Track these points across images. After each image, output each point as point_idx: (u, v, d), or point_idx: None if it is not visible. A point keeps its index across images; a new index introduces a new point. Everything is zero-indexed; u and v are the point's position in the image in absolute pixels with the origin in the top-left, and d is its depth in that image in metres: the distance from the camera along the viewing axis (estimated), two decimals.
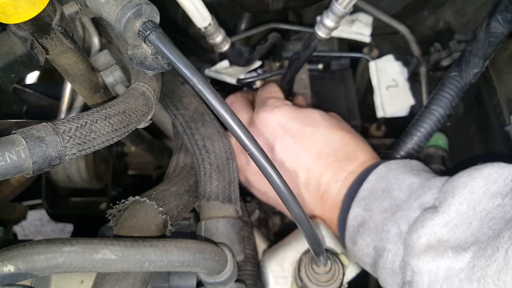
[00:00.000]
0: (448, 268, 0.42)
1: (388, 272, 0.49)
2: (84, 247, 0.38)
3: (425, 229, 0.45)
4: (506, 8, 0.59)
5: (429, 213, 0.46)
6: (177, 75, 0.65)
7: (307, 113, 0.62)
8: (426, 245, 0.45)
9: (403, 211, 0.49)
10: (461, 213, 0.44)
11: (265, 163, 0.36)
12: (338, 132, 0.60)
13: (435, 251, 0.43)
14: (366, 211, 0.52)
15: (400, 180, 0.52)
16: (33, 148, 0.33)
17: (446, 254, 0.42)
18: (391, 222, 0.49)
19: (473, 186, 0.45)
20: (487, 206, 0.44)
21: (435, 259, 0.43)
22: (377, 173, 0.54)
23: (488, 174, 0.45)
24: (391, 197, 0.51)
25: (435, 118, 0.63)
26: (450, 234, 0.44)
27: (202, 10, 0.61)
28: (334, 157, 0.58)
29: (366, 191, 0.54)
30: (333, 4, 0.57)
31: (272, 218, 0.76)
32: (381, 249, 0.49)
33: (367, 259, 0.52)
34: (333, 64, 0.84)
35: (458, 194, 0.45)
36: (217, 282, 0.49)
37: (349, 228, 0.54)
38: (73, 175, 0.95)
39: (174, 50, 0.35)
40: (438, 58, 0.75)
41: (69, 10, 0.40)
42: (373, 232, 0.51)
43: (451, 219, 0.45)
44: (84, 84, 0.48)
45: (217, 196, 0.56)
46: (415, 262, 0.44)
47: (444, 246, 0.43)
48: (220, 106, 0.35)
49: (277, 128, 0.61)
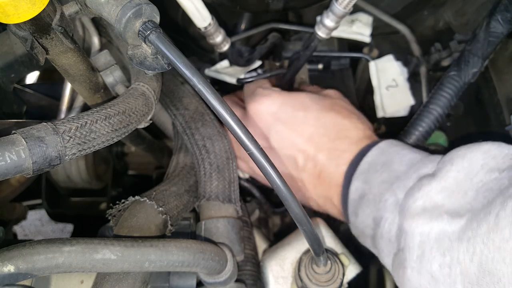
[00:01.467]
0: (440, 231, 0.43)
1: (384, 242, 0.50)
2: (84, 247, 0.38)
3: (422, 192, 0.46)
4: (506, 8, 0.59)
5: (426, 179, 0.47)
6: (177, 75, 0.65)
7: (297, 97, 0.63)
8: (421, 208, 0.45)
9: (401, 181, 0.50)
10: (458, 181, 0.45)
11: (265, 163, 0.36)
12: (330, 113, 0.61)
13: (430, 214, 0.44)
14: (366, 184, 0.53)
15: (401, 154, 0.53)
16: (33, 148, 0.33)
17: (440, 218, 0.43)
18: (389, 192, 0.50)
19: (471, 158, 0.46)
20: (484, 178, 0.44)
21: (429, 221, 0.44)
22: (378, 148, 0.55)
23: (487, 149, 0.46)
24: (391, 170, 0.52)
25: (434, 117, 0.63)
26: (446, 200, 0.45)
27: (202, 10, 0.61)
28: (326, 137, 0.59)
29: (366, 164, 0.54)
30: (333, 4, 0.57)
31: (272, 218, 0.76)
32: (379, 219, 0.50)
33: (368, 231, 0.53)
34: (333, 64, 0.84)
35: (457, 163, 0.46)
36: (217, 282, 0.49)
37: (351, 202, 0.55)
38: (73, 175, 0.95)
39: (174, 50, 0.35)
40: (438, 58, 0.75)
41: (69, 10, 0.40)
42: (372, 203, 0.52)
43: (448, 185, 0.45)
44: (84, 84, 0.48)
45: (217, 196, 0.56)
46: (408, 223, 0.45)
47: (439, 210, 0.44)
48: (220, 106, 0.35)
49: (268, 117, 0.62)
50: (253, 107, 0.63)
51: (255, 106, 0.63)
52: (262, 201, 0.71)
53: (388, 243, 0.49)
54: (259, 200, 0.70)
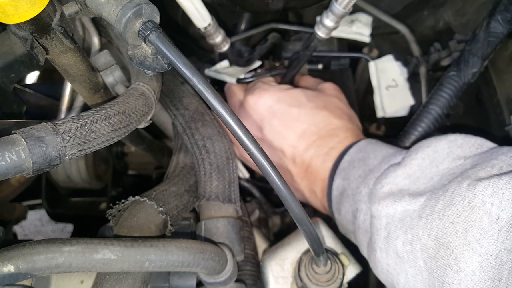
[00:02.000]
0: (403, 210, 0.45)
1: (361, 232, 0.52)
2: (84, 247, 0.38)
3: (388, 179, 0.48)
4: (506, 8, 0.59)
5: (393, 167, 0.50)
6: (177, 75, 0.65)
7: (293, 94, 0.65)
8: (387, 193, 0.48)
9: (373, 173, 0.52)
10: (423, 167, 0.47)
11: (265, 163, 0.36)
12: (323, 112, 0.63)
13: (394, 196, 0.47)
14: (345, 180, 0.56)
15: (377, 150, 0.56)
16: (33, 148, 0.33)
17: (403, 199, 0.46)
18: (363, 185, 0.52)
19: (437, 146, 0.48)
20: (450, 165, 0.46)
21: (393, 203, 0.46)
22: (357, 146, 0.58)
23: (453, 139, 0.48)
24: (366, 164, 0.54)
25: (433, 118, 0.63)
26: (411, 184, 0.47)
27: (202, 11, 0.61)
28: (316, 135, 0.62)
29: (346, 162, 0.57)
30: (333, 4, 0.57)
31: (272, 218, 0.76)
32: (355, 210, 0.52)
33: (349, 226, 0.55)
34: (333, 64, 0.84)
35: (422, 151, 0.49)
36: (217, 282, 0.49)
37: (334, 199, 0.57)
38: (73, 175, 0.95)
39: (174, 50, 0.35)
40: (438, 58, 0.75)
41: (69, 10, 0.40)
42: (350, 197, 0.54)
43: (413, 172, 0.48)
44: (84, 84, 0.48)
45: (217, 196, 0.56)
46: (375, 207, 0.48)
47: (403, 193, 0.46)
48: (220, 106, 0.35)
49: (264, 110, 0.64)
50: (251, 98, 0.65)
51: (252, 98, 0.65)
52: (262, 201, 0.71)
53: (364, 233, 0.51)
54: (259, 200, 0.70)
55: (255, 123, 0.65)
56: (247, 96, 0.66)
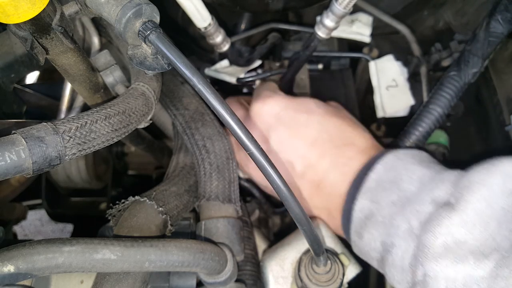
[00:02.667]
0: (467, 275, 0.40)
1: (396, 269, 0.46)
2: (84, 247, 0.38)
3: (442, 228, 0.42)
4: (506, 8, 0.59)
5: (445, 211, 0.43)
6: (177, 75, 0.65)
7: (301, 100, 0.61)
8: (443, 246, 0.42)
9: (413, 205, 0.46)
10: (479, 212, 0.42)
11: (265, 163, 0.36)
12: (334, 119, 0.59)
13: (453, 255, 0.41)
14: (373, 203, 0.50)
15: (410, 171, 0.49)
16: (33, 148, 0.33)
17: (466, 260, 0.40)
18: (401, 217, 0.46)
19: (491, 183, 0.42)
20: (505, 204, 0.41)
21: (454, 264, 0.40)
22: (384, 163, 0.52)
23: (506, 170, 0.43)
24: (400, 189, 0.48)
25: (434, 118, 0.62)
26: (468, 235, 0.41)
27: (202, 10, 0.61)
28: (330, 143, 0.56)
29: (373, 182, 0.51)
30: (333, 4, 0.57)
31: (272, 218, 0.76)
32: (390, 245, 0.47)
33: (374, 254, 0.50)
34: (333, 64, 0.84)
35: (477, 191, 0.42)
36: (217, 282, 0.49)
37: (355, 220, 0.51)
38: (73, 175, 0.95)
39: (174, 50, 0.35)
40: (438, 58, 0.75)
41: (69, 10, 0.40)
42: (381, 226, 0.48)
43: (469, 219, 0.42)
44: (84, 84, 0.48)
45: (217, 196, 0.56)
46: (431, 266, 0.42)
47: (463, 250, 0.41)
48: (220, 106, 0.35)
49: (270, 118, 0.60)
50: (255, 107, 0.61)
51: (257, 106, 0.61)
52: (262, 201, 0.71)
53: (402, 272, 0.46)
54: (259, 200, 0.70)
55: (261, 133, 0.60)
56: (253, 104, 0.62)
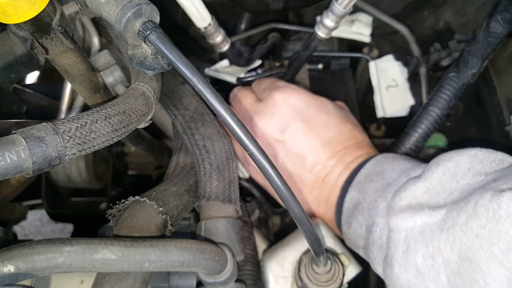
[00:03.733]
0: (423, 223, 0.44)
1: (376, 248, 0.50)
2: (84, 247, 0.38)
3: (407, 192, 0.47)
4: (505, 8, 0.59)
5: (412, 180, 0.48)
6: (177, 75, 0.65)
7: (322, 101, 0.64)
8: (406, 206, 0.46)
9: (392, 187, 0.51)
10: (443, 182, 0.46)
11: (265, 163, 0.36)
12: (348, 124, 0.63)
13: (413, 209, 0.45)
14: (361, 193, 0.54)
15: (395, 164, 0.54)
16: (33, 148, 0.33)
17: (423, 212, 0.44)
18: (381, 198, 0.51)
19: (458, 160, 0.47)
20: (471, 181, 0.45)
21: (412, 216, 0.45)
22: (374, 160, 0.56)
23: (474, 153, 0.47)
24: (384, 178, 0.53)
25: (432, 119, 0.63)
26: (430, 199, 0.46)
27: (202, 10, 0.61)
28: (342, 145, 0.60)
29: (362, 176, 0.55)
30: (333, 4, 0.57)
31: (272, 218, 0.76)
32: (371, 225, 0.51)
33: (360, 241, 0.53)
34: (333, 64, 0.84)
35: (442, 165, 0.47)
36: (217, 282, 0.49)
37: (345, 211, 0.55)
38: (73, 175, 0.95)
39: (174, 50, 0.35)
40: (438, 58, 0.75)
41: (69, 10, 0.40)
42: (365, 211, 0.52)
43: (433, 186, 0.46)
44: (84, 84, 0.48)
45: (217, 196, 0.56)
46: (393, 220, 0.46)
47: (422, 207, 0.45)
48: (220, 106, 0.35)
49: (291, 110, 0.61)
50: (279, 96, 0.61)
51: (281, 96, 0.61)
52: (262, 201, 0.71)
53: (380, 249, 0.49)
54: (259, 200, 0.70)
55: (278, 122, 0.61)
56: (274, 92, 0.62)
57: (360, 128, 0.65)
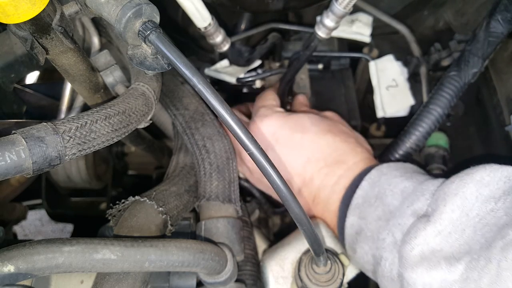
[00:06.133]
0: (442, 280, 0.41)
1: (387, 280, 0.49)
2: (84, 247, 0.38)
3: (418, 239, 0.45)
4: (506, 8, 0.59)
5: (421, 223, 0.46)
6: (177, 75, 0.65)
7: (297, 119, 0.63)
8: (419, 256, 0.44)
9: (396, 218, 0.49)
10: (453, 220, 0.44)
11: (265, 163, 0.36)
12: (327, 136, 0.61)
13: (428, 262, 0.43)
14: (361, 219, 0.53)
15: (393, 185, 0.52)
16: (33, 148, 0.33)
17: (439, 266, 0.42)
18: (386, 231, 0.49)
19: (465, 192, 0.45)
20: (480, 211, 0.43)
21: (428, 271, 0.42)
22: (369, 179, 0.54)
23: (480, 178, 0.45)
24: (384, 204, 0.51)
25: (434, 118, 0.63)
26: (443, 243, 0.44)
27: (202, 10, 0.61)
28: (323, 162, 0.59)
29: (360, 198, 0.54)
30: (333, 4, 0.57)
31: (272, 218, 0.76)
32: (379, 258, 0.50)
33: (368, 266, 0.53)
34: (333, 64, 0.84)
35: (450, 201, 0.45)
36: (217, 282, 0.49)
37: (347, 237, 0.55)
38: (73, 175, 0.95)
39: (174, 50, 0.35)
40: (438, 58, 0.75)
41: (69, 10, 0.40)
42: (370, 240, 0.51)
43: (443, 228, 0.44)
44: (84, 84, 0.48)
45: (217, 196, 0.56)
46: (409, 274, 0.44)
47: (437, 257, 0.43)
48: (220, 106, 0.35)
49: (268, 137, 0.62)
50: (253, 126, 0.63)
51: (255, 125, 0.63)
52: (262, 201, 0.71)
53: (391, 282, 0.48)
54: (259, 200, 0.70)
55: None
56: (250, 122, 0.64)
57: (346, 134, 0.63)
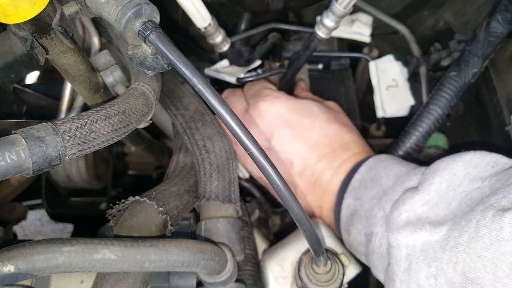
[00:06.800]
0: (424, 241, 0.43)
1: (376, 257, 0.50)
2: (84, 247, 0.38)
3: (406, 206, 0.47)
4: (506, 8, 0.59)
5: (410, 192, 0.48)
6: (177, 75, 0.65)
7: (306, 104, 0.64)
8: (405, 221, 0.46)
9: (388, 195, 0.51)
10: (440, 192, 0.46)
11: (265, 163, 0.36)
12: (335, 125, 0.62)
13: (413, 226, 0.45)
14: (357, 200, 0.54)
15: (388, 169, 0.54)
16: (33, 148, 0.33)
17: (424, 228, 0.44)
18: (378, 207, 0.51)
19: (453, 168, 0.47)
20: (467, 188, 0.45)
21: (413, 233, 0.44)
22: (367, 165, 0.56)
23: (469, 159, 0.47)
24: (379, 185, 0.53)
25: (434, 118, 0.63)
26: (429, 211, 0.46)
27: (202, 10, 0.61)
28: (329, 147, 0.60)
29: (357, 182, 0.55)
30: (333, 4, 0.57)
31: (272, 218, 0.76)
32: (370, 234, 0.51)
33: (361, 248, 0.54)
34: (333, 64, 0.84)
35: (439, 174, 0.47)
36: (217, 282, 0.49)
37: (343, 219, 0.56)
38: (73, 175, 0.95)
39: (174, 50, 0.35)
40: (438, 58, 0.75)
41: (69, 10, 0.40)
42: (363, 219, 0.52)
43: (431, 198, 0.46)
44: (84, 84, 0.48)
45: (217, 196, 0.56)
46: (394, 236, 0.46)
47: (422, 222, 0.45)
48: (220, 106, 0.35)
49: (275, 118, 0.62)
50: (262, 105, 0.62)
51: (264, 105, 0.62)
52: (262, 201, 0.71)
53: (380, 258, 0.49)
54: (259, 200, 0.70)
55: (263, 131, 0.62)
56: (258, 102, 0.63)
57: (350, 126, 0.64)
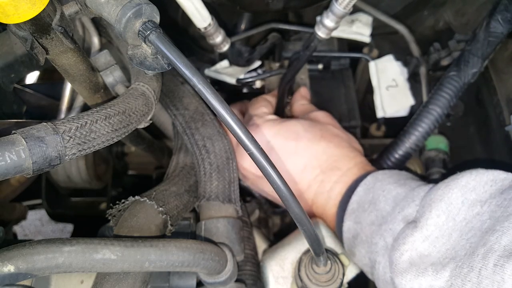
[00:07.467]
0: (429, 286, 0.43)
1: (382, 282, 0.50)
2: (84, 247, 0.38)
3: (406, 245, 0.46)
4: (506, 8, 0.59)
5: (409, 229, 0.47)
6: (177, 75, 0.65)
7: (289, 126, 0.62)
8: (408, 262, 0.45)
9: (388, 224, 0.50)
10: (439, 225, 0.45)
11: (265, 163, 0.36)
12: (321, 143, 0.61)
13: (416, 268, 0.44)
14: (357, 224, 0.54)
15: (386, 191, 0.53)
16: (33, 148, 0.33)
17: (426, 273, 0.43)
18: (378, 235, 0.50)
19: (450, 197, 0.46)
20: (467, 215, 0.44)
21: (416, 277, 0.44)
22: (364, 185, 0.55)
23: (465, 183, 0.46)
24: (377, 209, 0.52)
25: (433, 118, 0.63)
26: (431, 248, 0.45)
27: (202, 11, 0.61)
28: (319, 169, 0.59)
29: (355, 203, 0.55)
30: (333, 4, 0.57)
31: (272, 218, 0.76)
32: (373, 261, 0.51)
33: (367, 268, 0.54)
34: (333, 64, 0.84)
35: (435, 207, 0.46)
36: (217, 282, 0.49)
37: (346, 241, 0.56)
38: (73, 175, 0.95)
39: (174, 50, 0.35)
40: (437, 58, 0.75)
41: (69, 10, 0.40)
42: (365, 244, 0.52)
43: (430, 233, 0.45)
44: (84, 84, 0.48)
45: (217, 196, 0.56)
46: (399, 280, 0.45)
47: (425, 263, 0.44)
48: (220, 106, 0.35)
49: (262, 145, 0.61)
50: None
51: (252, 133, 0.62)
52: (262, 201, 0.71)
53: (386, 284, 0.50)
54: (259, 200, 0.70)
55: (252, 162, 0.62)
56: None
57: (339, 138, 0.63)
